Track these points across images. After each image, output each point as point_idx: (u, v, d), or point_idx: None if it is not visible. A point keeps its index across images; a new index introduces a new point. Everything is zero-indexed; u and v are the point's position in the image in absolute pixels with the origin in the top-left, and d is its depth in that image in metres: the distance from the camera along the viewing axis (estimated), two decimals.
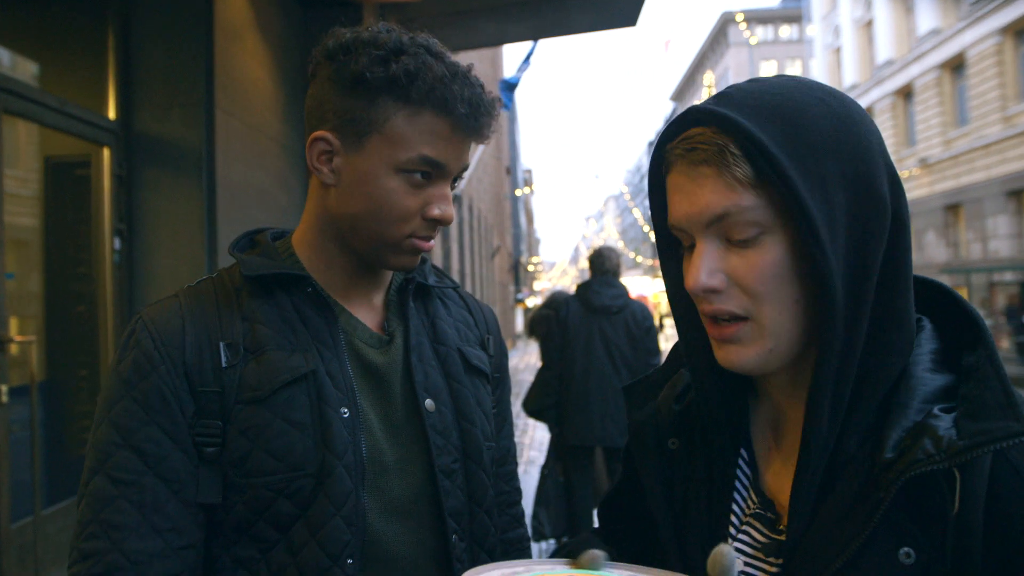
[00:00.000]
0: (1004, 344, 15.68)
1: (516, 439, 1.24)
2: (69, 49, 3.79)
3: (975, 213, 19.06)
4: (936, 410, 0.63)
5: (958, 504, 0.60)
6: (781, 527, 0.70)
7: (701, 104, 0.68)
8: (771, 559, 0.69)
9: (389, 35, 0.91)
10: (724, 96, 0.68)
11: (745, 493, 0.75)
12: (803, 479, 0.67)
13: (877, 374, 0.66)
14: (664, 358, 0.92)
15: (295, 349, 0.91)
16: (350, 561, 0.87)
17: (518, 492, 1.19)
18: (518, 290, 34.86)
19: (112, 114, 3.60)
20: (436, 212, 0.92)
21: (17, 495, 2.95)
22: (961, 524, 0.59)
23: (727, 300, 0.67)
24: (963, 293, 18.45)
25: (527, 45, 11.79)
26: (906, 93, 22.97)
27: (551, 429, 4.20)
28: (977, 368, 0.65)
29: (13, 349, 3.07)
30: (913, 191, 21.76)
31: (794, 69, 41.74)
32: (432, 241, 0.96)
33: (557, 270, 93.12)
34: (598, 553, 0.71)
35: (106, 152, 3.54)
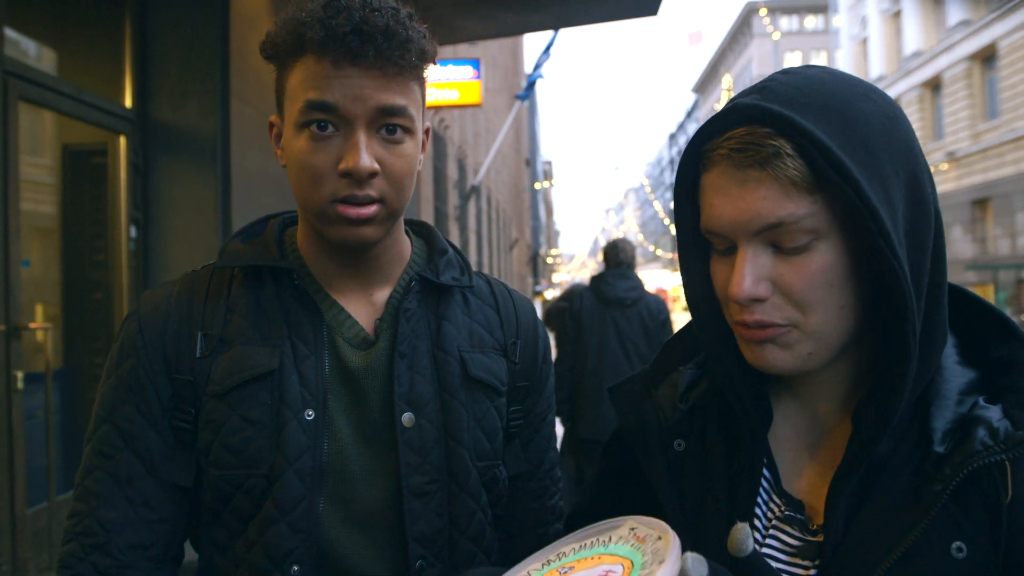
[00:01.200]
0: None
1: None
2: (86, 37, 3.80)
3: (1004, 208, 18.68)
4: (982, 401, 0.63)
5: (1011, 493, 0.59)
6: (815, 528, 0.68)
7: (748, 99, 0.63)
8: (807, 562, 0.67)
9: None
10: (767, 90, 0.64)
11: (767, 496, 0.72)
12: (847, 480, 0.65)
13: (922, 373, 0.65)
14: None
15: (266, 344, 0.88)
16: (295, 568, 0.84)
17: (550, 512, 1.06)
18: (536, 282, 34.85)
19: (128, 102, 3.61)
20: (342, 165, 0.82)
21: (32, 481, 2.98)
22: (1014, 514, 0.59)
23: (771, 310, 0.64)
24: (990, 290, 18.11)
25: (548, 37, 11.76)
26: (934, 85, 22.52)
27: (564, 423, 4.17)
28: (1014, 359, 0.65)
29: (38, 336, 3.10)
30: (940, 185, 21.34)
31: (819, 60, 41.15)
32: (367, 208, 0.84)
33: (576, 263, 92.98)
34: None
35: (122, 140, 3.55)
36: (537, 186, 37.39)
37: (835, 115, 0.61)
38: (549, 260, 50.52)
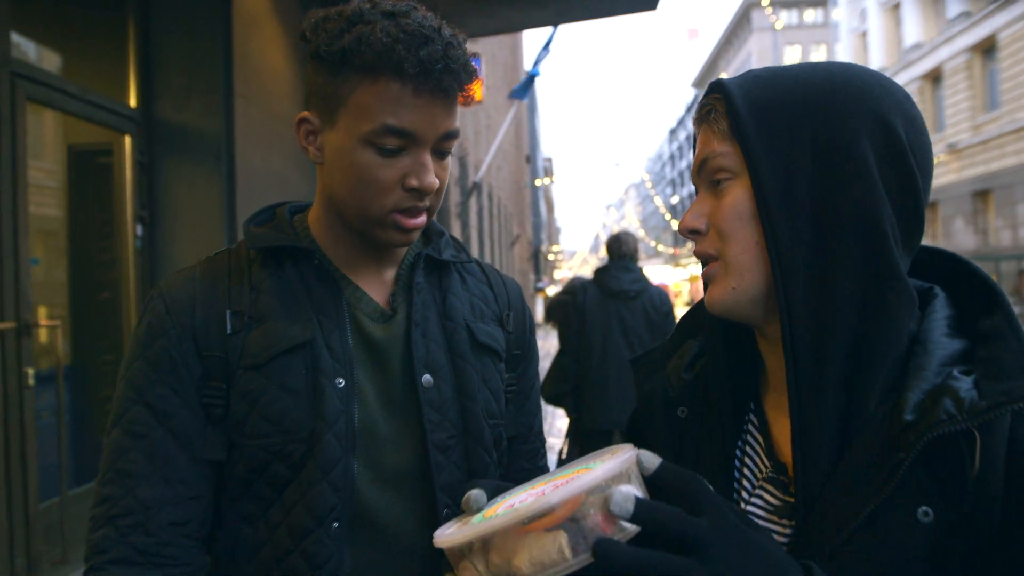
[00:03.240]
0: None
1: None
2: (90, 38, 3.83)
3: (1005, 199, 18.65)
4: (956, 372, 0.64)
5: (978, 464, 0.60)
6: (793, 490, 0.71)
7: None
8: (784, 520, 0.71)
9: (354, 6, 0.89)
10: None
11: (757, 458, 0.76)
12: (807, 439, 0.68)
13: (880, 337, 0.67)
14: None
15: (296, 319, 0.93)
16: (335, 524, 0.89)
17: (541, 471, 1.16)
18: (538, 279, 34.85)
19: (133, 102, 3.64)
20: (413, 182, 0.90)
21: (44, 476, 3.01)
22: (981, 483, 0.60)
23: (705, 241, 0.75)
24: None
25: (547, 33, 11.76)
26: (935, 77, 22.48)
27: (569, 415, 4.20)
28: (995, 331, 0.66)
29: (42, 335, 3.13)
30: (941, 177, 21.33)
31: (819, 54, 41.05)
32: (420, 218, 0.93)
33: (578, 259, 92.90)
34: (475, 493, 0.68)
35: (127, 140, 3.58)
36: (538, 183, 37.40)
37: (772, 84, 0.71)
38: (551, 256, 50.52)
